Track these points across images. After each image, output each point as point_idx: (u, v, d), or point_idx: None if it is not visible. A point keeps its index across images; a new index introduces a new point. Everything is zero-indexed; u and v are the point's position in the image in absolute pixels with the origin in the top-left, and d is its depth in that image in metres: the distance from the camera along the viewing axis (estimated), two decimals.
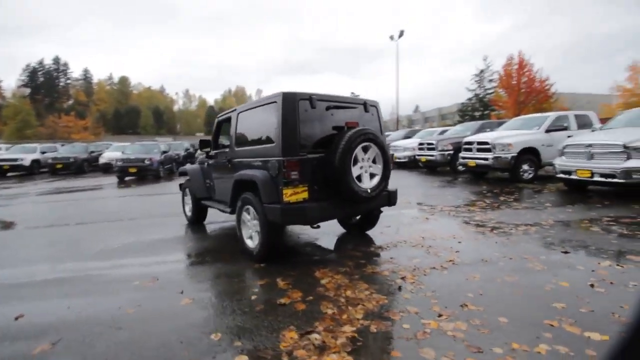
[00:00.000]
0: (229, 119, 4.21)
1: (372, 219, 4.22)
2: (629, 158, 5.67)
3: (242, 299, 2.62)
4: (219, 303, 2.59)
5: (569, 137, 8.49)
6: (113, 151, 16.36)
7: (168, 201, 7.60)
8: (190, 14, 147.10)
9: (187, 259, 3.65)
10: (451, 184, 9.08)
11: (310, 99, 3.20)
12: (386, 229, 4.51)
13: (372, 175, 3.39)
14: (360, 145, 3.19)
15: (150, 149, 13.38)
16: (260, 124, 3.47)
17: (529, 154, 8.47)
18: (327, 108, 3.36)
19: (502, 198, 6.61)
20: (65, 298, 2.76)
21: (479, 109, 37.91)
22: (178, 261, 3.60)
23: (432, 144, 11.69)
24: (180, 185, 5.67)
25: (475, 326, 2.11)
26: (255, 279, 3.01)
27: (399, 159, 13.44)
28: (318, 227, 3.37)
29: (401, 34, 23.61)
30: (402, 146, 13.90)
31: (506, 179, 8.98)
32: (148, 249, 4.08)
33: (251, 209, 3.42)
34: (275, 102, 3.15)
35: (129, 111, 68.75)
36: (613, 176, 5.79)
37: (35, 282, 3.13)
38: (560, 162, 6.84)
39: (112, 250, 4.03)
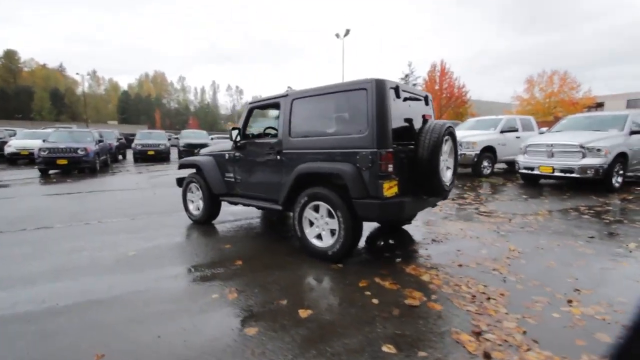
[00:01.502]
0: (274, 106, 3.75)
1: (415, 213, 4.24)
2: (584, 156, 6.76)
3: (367, 305, 2.37)
4: (349, 311, 2.29)
5: (517, 137, 9.81)
6: (23, 139, 13.36)
7: (139, 198, 6.54)
8: None
9: (244, 264, 3.14)
10: None
11: (397, 88, 3.04)
12: (415, 223, 4.56)
13: (447, 169, 3.39)
14: (444, 139, 3.16)
15: (82, 137, 11.27)
16: (338, 113, 3.17)
17: (488, 151, 9.52)
18: (405, 99, 3.24)
19: (480, 191, 7.29)
20: (152, 321, 2.15)
21: None
22: (234, 267, 3.07)
23: None
24: (180, 180, 4.90)
25: (609, 307, 2.28)
26: (351, 282, 2.76)
27: None
28: (409, 222, 3.24)
29: (347, 32, 24.16)
30: None
31: (466, 174, 9.93)
32: (176, 255, 3.43)
33: (322, 204, 3.13)
34: (366, 89, 2.91)
35: (18, 92, 56.99)
36: (571, 171, 6.84)
37: (68, 307, 2.36)
38: (523, 160, 7.82)
39: (131, 259, 3.28)
